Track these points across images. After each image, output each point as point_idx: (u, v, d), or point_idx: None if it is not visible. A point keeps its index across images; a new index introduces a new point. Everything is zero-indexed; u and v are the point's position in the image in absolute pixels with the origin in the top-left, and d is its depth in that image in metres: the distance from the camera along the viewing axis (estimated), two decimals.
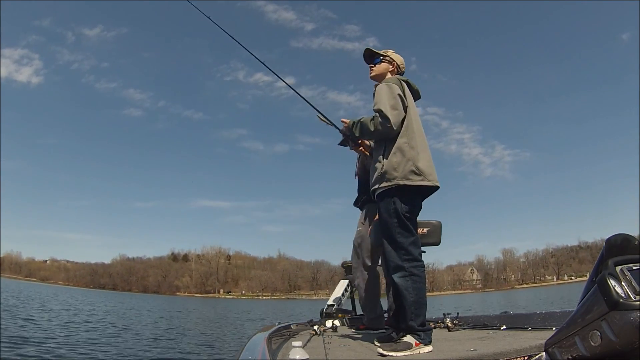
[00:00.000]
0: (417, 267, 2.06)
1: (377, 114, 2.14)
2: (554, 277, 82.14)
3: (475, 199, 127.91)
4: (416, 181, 2.08)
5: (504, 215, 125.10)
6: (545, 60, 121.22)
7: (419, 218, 2.89)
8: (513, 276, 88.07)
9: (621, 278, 1.46)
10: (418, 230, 2.84)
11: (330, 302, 3.02)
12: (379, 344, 1.99)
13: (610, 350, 1.43)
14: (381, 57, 2.43)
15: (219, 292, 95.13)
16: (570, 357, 1.58)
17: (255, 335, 2.35)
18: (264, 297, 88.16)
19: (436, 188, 2.19)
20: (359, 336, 2.59)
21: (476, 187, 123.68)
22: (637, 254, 1.53)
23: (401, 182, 2.07)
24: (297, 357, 1.45)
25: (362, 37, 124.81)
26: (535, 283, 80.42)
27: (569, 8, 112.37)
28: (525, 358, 1.75)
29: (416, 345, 1.94)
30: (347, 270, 3.49)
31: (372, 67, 2.43)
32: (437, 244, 2.96)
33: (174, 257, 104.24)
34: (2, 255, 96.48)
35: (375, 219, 2.84)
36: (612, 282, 1.46)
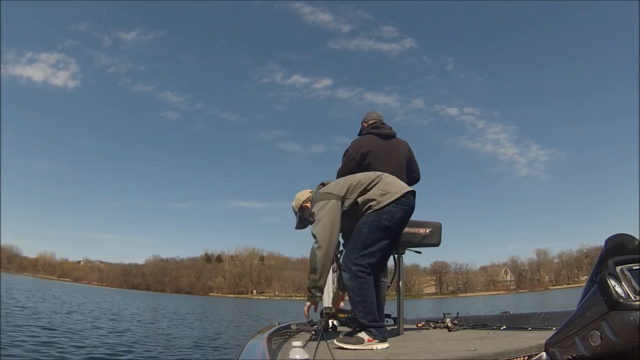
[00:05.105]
0: (361, 271, 2.22)
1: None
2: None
3: (509, 199, 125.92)
4: (389, 199, 2.28)
5: (538, 216, 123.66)
6: (582, 57, 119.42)
7: (421, 218, 2.91)
8: (547, 277, 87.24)
9: (621, 278, 1.46)
10: (421, 231, 2.87)
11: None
12: (339, 338, 2.16)
13: (611, 350, 1.43)
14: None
15: (252, 292, 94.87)
16: (570, 357, 1.58)
17: (255, 336, 2.36)
18: (297, 298, 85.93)
19: (408, 194, 2.34)
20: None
21: (511, 187, 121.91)
22: (637, 254, 1.53)
23: (378, 207, 2.27)
24: (297, 357, 1.45)
25: (399, 38, 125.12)
26: (569, 284, 78.78)
27: (607, 4, 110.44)
28: (525, 358, 1.75)
29: (369, 341, 2.10)
30: None
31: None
32: (437, 244, 2.95)
33: (208, 258, 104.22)
34: (34, 256, 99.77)
35: None
36: (612, 282, 1.46)
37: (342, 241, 2.70)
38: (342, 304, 2.87)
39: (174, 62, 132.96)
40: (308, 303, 2.37)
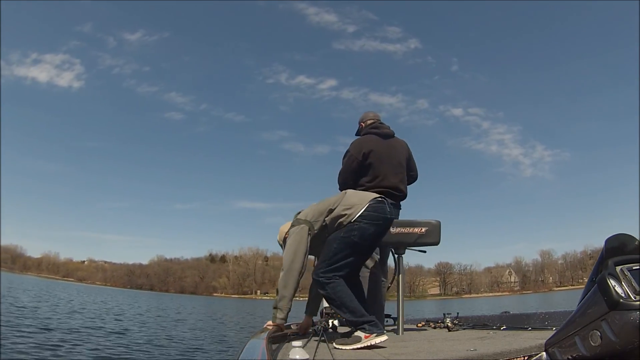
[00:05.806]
0: (329, 279, 2.26)
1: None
2: None
3: (514, 200, 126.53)
4: (356, 211, 2.31)
5: (543, 217, 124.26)
6: (586, 57, 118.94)
7: (424, 218, 2.90)
8: (551, 278, 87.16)
9: (621, 278, 1.45)
10: (415, 231, 2.86)
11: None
12: (337, 340, 2.17)
13: (610, 350, 1.42)
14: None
15: (256, 293, 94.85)
16: (570, 357, 1.58)
17: (255, 336, 2.36)
18: (302, 298, 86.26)
19: (379, 203, 2.35)
20: None
21: (516, 187, 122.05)
22: (637, 254, 1.52)
23: (347, 222, 2.31)
24: (297, 357, 1.45)
25: (403, 39, 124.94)
26: (574, 285, 78.03)
27: (609, 4, 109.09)
28: (525, 358, 1.75)
29: (365, 337, 2.08)
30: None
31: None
32: (436, 243, 2.93)
33: (212, 258, 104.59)
34: (38, 256, 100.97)
35: None
36: (612, 282, 1.46)
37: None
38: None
39: (178, 63, 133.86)
40: (268, 322, 2.38)
